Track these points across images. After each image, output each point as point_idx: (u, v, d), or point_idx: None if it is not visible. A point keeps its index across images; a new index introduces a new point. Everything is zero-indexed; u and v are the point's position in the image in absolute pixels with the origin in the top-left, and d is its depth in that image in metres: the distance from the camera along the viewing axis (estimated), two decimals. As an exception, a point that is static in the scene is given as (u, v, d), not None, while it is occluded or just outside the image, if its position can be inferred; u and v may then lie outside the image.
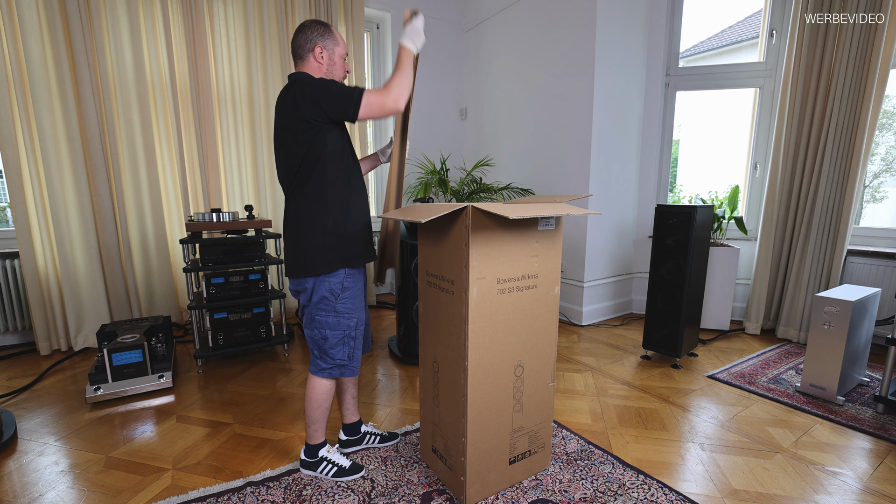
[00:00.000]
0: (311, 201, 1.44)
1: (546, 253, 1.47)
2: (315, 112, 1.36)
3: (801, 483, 1.59)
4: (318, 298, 1.48)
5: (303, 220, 1.45)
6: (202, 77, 3.10)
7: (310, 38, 1.45)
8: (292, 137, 1.39)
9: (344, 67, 1.53)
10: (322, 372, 1.54)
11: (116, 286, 2.99)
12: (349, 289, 1.51)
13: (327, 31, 1.47)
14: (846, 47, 2.66)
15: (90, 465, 1.70)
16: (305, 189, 1.44)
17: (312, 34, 1.45)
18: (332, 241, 1.46)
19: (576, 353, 2.82)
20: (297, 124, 1.37)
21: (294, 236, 1.48)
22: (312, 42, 1.45)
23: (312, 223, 1.45)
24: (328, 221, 1.45)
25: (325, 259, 1.46)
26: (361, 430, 1.81)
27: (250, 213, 2.72)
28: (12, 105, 2.60)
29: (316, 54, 1.46)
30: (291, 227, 1.49)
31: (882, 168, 3.62)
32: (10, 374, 2.52)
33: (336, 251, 1.47)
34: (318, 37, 1.45)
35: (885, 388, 2.05)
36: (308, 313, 1.53)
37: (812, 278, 2.92)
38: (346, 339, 1.53)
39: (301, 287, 1.51)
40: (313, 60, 1.46)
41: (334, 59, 1.49)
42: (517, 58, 3.74)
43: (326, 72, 1.49)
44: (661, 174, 3.60)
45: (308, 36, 1.45)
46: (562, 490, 1.54)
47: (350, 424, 1.78)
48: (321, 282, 1.47)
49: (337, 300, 1.49)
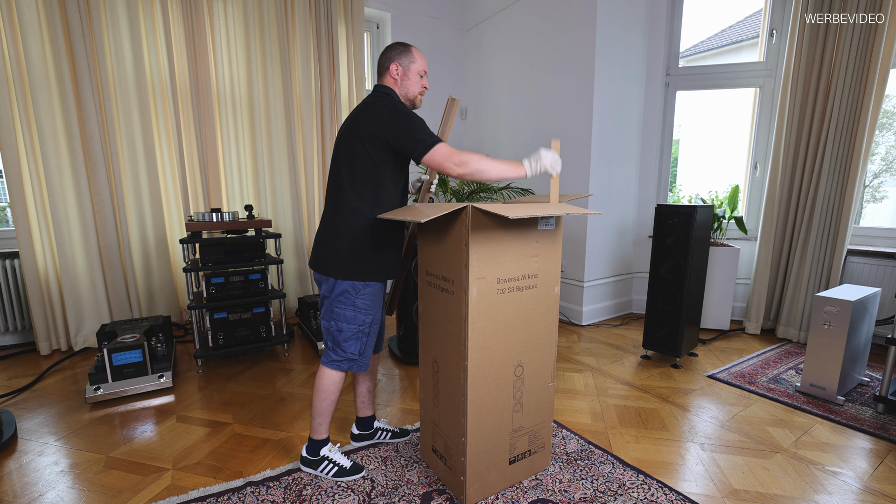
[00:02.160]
0: (361, 213, 1.49)
1: (546, 253, 1.47)
2: (389, 135, 1.43)
3: (801, 483, 1.59)
4: (339, 291, 1.52)
5: (350, 227, 1.49)
6: (202, 77, 3.10)
7: (389, 57, 1.57)
8: (359, 142, 1.46)
9: (421, 84, 1.61)
10: (332, 364, 1.57)
11: (116, 286, 2.99)
12: (370, 286, 1.55)
13: (405, 50, 1.58)
14: (846, 47, 2.66)
15: (90, 464, 1.70)
16: (360, 197, 1.48)
17: (392, 53, 1.57)
18: (368, 255, 1.51)
19: (576, 353, 2.82)
20: (368, 133, 1.44)
21: (335, 237, 1.51)
22: (390, 59, 1.57)
23: (358, 235, 1.49)
24: (374, 235, 1.50)
25: (358, 269, 1.51)
26: (374, 426, 1.84)
27: (250, 213, 2.72)
28: (12, 105, 2.60)
29: (392, 70, 1.56)
30: (334, 228, 1.51)
31: (882, 168, 3.62)
32: (10, 374, 2.52)
33: (369, 264, 1.52)
34: (396, 55, 1.56)
35: (885, 388, 2.04)
36: (327, 304, 1.57)
37: (812, 278, 2.92)
38: (360, 335, 1.56)
39: (324, 278, 1.56)
40: (389, 76, 1.57)
41: (409, 74, 1.58)
42: (517, 57, 3.74)
43: (401, 85, 1.58)
44: (661, 174, 3.60)
45: (388, 55, 1.57)
46: (562, 490, 1.54)
47: (363, 418, 1.82)
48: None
49: (357, 295, 1.53)
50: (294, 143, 3.45)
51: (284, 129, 3.43)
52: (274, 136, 3.42)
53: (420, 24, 4.10)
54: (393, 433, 1.85)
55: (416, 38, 4.09)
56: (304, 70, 3.41)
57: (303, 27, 3.36)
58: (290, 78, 3.37)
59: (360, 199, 1.49)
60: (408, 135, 1.41)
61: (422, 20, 4.10)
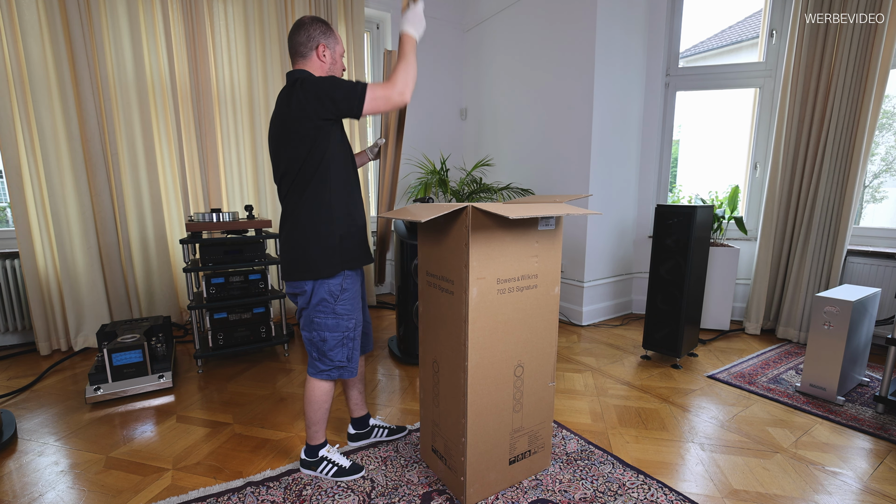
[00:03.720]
0: (315, 202, 1.42)
1: (546, 253, 1.47)
2: (319, 110, 1.33)
3: (801, 483, 1.59)
4: (317, 300, 1.47)
5: (306, 222, 1.43)
6: (202, 77, 3.10)
7: (312, 37, 1.42)
8: (295, 137, 1.36)
9: (342, 66, 1.53)
10: (321, 374, 1.53)
11: (116, 286, 2.99)
12: (348, 290, 1.51)
13: (329, 30, 1.46)
14: (846, 47, 2.66)
15: (90, 465, 1.70)
16: (308, 190, 1.41)
17: (315, 32, 1.43)
18: (334, 244, 1.45)
19: (576, 353, 2.82)
20: (299, 123, 1.35)
21: (296, 238, 1.45)
22: (315, 40, 1.42)
23: (317, 225, 1.42)
24: (332, 223, 1.44)
25: (330, 261, 1.44)
26: (370, 424, 1.83)
27: (250, 213, 2.72)
28: (12, 105, 2.60)
29: (319, 53, 1.43)
30: (293, 229, 1.46)
31: (882, 168, 3.62)
32: (10, 374, 2.52)
33: (339, 253, 1.46)
34: (321, 35, 1.43)
35: (885, 388, 2.04)
36: (306, 316, 1.51)
37: (812, 278, 2.92)
38: (346, 341, 1.53)
39: (299, 290, 1.50)
40: (316, 59, 1.44)
41: (336, 57, 1.49)
42: (517, 58, 3.74)
43: (328, 70, 1.48)
44: (661, 174, 3.60)
45: (311, 34, 1.42)
46: (562, 490, 1.54)
47: (358, 418, 1.80)
48: (320, 284, 1.46)
49: (336, 302, 1.48)
50: (294, 144, 3.44)
51: (284, 129, 3.43)
52: (274, 137, 3.41)
53: (420, 25, 4.10)
54: (390, 430, 1.84)
55: (416, 39, 4.08)
56: (304, 70, 3.41)
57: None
58: (290, 78, 3.37)
59: (313, 190, 1.40)
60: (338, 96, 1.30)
61: (422, 20, 4.10)
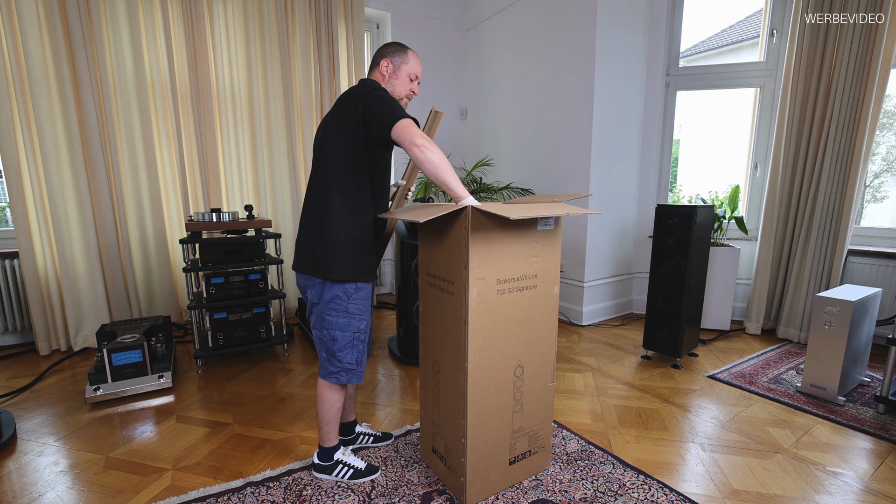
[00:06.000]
0: (348, 200, 1.42)
1: (546, 253, 1.47)
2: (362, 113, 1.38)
3: (802, 483, 1.59)
4: (329, 297, 1.45)
5: (335, 216, 1.41)
6: (202, 77, 3.10)
7: (383, 53, 1.56)
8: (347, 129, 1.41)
9: (409, 86, 1.57)
10: (331, 376, 1.51)
11: (116, 286, 2.99)
12: (362, 289, 1.49)
13: (400, 50, 1.56)
14: (846, 47, 2.66)
15: (90, 465, 1.70)
16: (346, 185, 1.41)
17: (386, 50, 1.56)
18: (352, 252, 1.43)
19: (576, 353, 2.82)
20: (354, 121, 1.39)
21: (319, 229, 1.43)
22: (382, 55, 1.55)
23: (345, 224, 1.42)
24: (358, 228, 1.43)
25: (344, 267, 1.43)
26: (356, 431, 1.82)
27: (250, 213, 2.72)
28: (12, 105, 2.60)
29: (381, 66, 1.54)
30: (320, 218, 1.43)
31: (883, 168, 3.61)
32: (10, 374, 2.52)
33: (355, 263, 1.44)
34: (390, 52, 1.55)
35: (885, 388, 2.04)
36: (317, 312, 1.49)
37: (812, 278, 2.91)
38: (356, 342, 1.51)
39: (311, 283, 1.48)
40: (378, 72, 1.55)
41: (398, 74, 1.55)
42: (517, 57, 3.74)
43: (388, 83, 1.55)
44: (662, 174, 3.59)
45: (382, 52, 1.56)
46: (562, 490, 1.54)
47: (345, 424, 1.79)
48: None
49: (349, 300, 1.46)
50: (294, 143, 3.45)
51: (284, 129, 3.43)
52: (274, 136, 3.41)
53: (420, 24, 4.10)
54: (375, 437, 1.82)
55: (416, 38, 4.09)
56: (304, 70, 3.41)
57: (303, 27, 3.36)
58: (290, 78, 3.37)
59: (347, 196, 1.41)
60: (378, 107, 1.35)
61: (422, 20, 4.10)
